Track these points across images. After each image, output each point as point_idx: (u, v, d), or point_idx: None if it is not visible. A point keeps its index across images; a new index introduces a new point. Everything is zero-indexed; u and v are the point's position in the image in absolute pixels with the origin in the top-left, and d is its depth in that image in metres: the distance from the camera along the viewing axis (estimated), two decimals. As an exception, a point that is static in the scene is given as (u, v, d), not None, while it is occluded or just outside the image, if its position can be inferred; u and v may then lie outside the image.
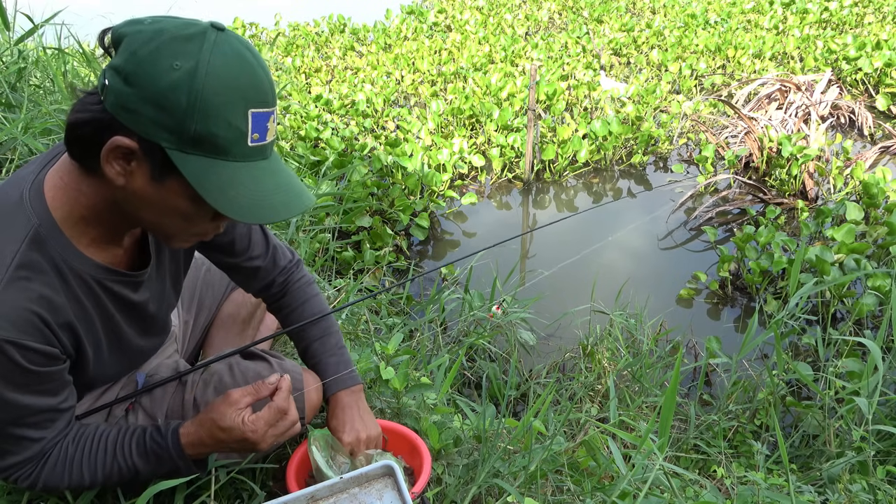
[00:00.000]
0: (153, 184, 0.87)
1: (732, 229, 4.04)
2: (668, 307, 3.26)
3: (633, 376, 2.43)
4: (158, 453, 1.07)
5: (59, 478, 1.03)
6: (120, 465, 1.06)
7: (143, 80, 0.80)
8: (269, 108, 0.87)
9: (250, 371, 1.29)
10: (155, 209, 0.90)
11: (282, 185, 0.91)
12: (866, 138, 5.29)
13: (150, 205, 0.89)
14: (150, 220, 0.93)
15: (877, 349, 1.80)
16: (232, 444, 1.07)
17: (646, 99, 5.59)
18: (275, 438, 1.10)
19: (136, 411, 1.24)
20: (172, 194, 0.87)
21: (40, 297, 0.90)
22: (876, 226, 3.50)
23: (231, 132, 0.84)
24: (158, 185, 0.87)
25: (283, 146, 4.25)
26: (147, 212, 0.91)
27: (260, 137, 0.87)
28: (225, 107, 0.82)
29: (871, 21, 8.04)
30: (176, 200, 0.88)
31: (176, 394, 1.26)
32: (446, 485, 1.39)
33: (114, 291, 1.03)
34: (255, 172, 0.88)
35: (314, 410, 1.34)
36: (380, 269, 3.40)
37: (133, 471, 1.07)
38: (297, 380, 1.30)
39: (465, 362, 2.57)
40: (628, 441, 1.56)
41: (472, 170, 4.79)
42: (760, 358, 2.79)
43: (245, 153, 0.86)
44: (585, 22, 8.91)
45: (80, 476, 1.05)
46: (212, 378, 1.27)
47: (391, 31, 8.61)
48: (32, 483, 1.02)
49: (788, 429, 2.35)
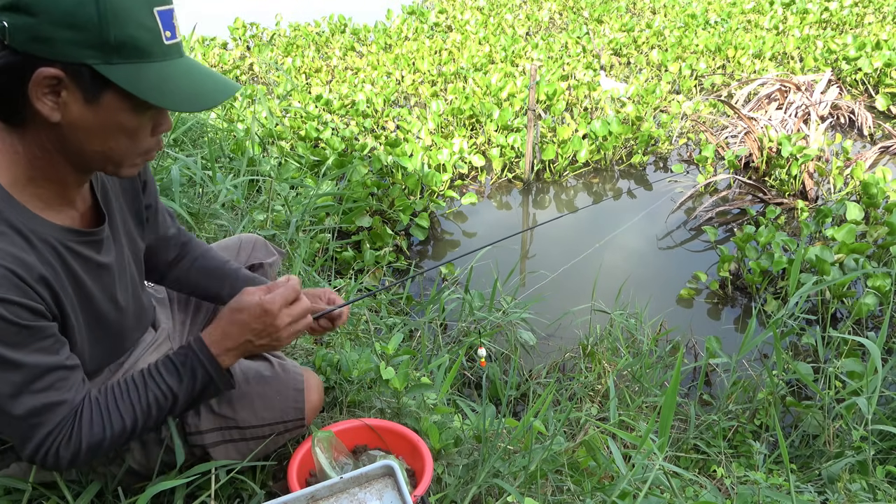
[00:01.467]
0: (89, 107, 0.88)
1: (732, 229, 4.04)
2: (669, 307, 3.26)
3: (633, 376, 2.44)
4: (187, 364, 1.05)
5: (99, 430, 0.98)
6: (156, 394, 1.03)
7: (46, 5, 0.81)
8: (170, 6, 0.91)
9: (251, 370, 1.29)
10: (98, 135, 0.91)
11: (207, 75, 0.95)
12: (866, 138, 5.29)
13: (93, 132, 0.90)
14: (97, 149, 0.93)
15: (876, 349, 1.80)
16: (254, 326, 1.05)
17: (646, 99, 5.59)
18: (291, 322, 1.08)
19: None
20: (112, 111, 0.89)
21: (11, 256, 0.89)
22: (876, 226, 3.50)
23: (146, 32, 0.87)
24: (95, 106, 0.88)
25: (284, 146, 4.25)
26: (91, 141, 0.91)
27: (172, 35, 0.91)
28: (132, 8, 0.85)
29: (871, 21, 8.04)
30: (116, 116, 0.90)
31: None
32: (446, 485, 1.39)
33: (78, 252, 1.01)
34: (180, 68, 0.92)
35: (314, 411, 1.34)
36: (380, 269, 3.40)
37: (170, 394, 1.04)
38: (297, 380, 1.30)
39: (465, 362, 2.57)
40: (628, 441, 1.56)
41: (472, 170, 4.79)
42: (760, 358, 2.79)
43: (164, 52, 0.90)
44: (585, 22, 8.91)
45: (120, 421, 1.00)
46: None
47: (392, 32, 8.61)
48: (75, 448, 0.97)
49: (788, 429, 2.35)
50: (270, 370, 1.30)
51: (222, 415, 1.24)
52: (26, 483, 1.18)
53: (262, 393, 1.27)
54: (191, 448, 1.24)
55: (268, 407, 1.26)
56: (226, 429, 1.25)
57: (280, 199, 3.06)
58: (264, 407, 1.26)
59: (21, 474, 1.18)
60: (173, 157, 2.71)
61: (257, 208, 2.92)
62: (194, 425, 1.23)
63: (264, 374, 1.29)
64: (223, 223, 2.64)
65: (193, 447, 1.25)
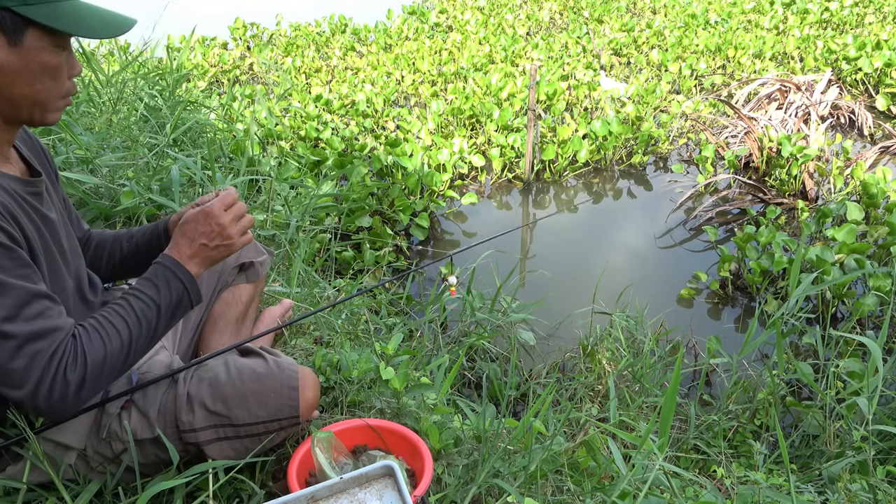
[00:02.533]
0: (13, 50, 0.97)
1: (733, 229, 4.04)
2: (669, 307, 3.26)
3: (634, 376, 2.43)
4: (160, 275, 1.14)
5: (99, 347, 1.02)
6: (140, 307, 1.09)
7: None
8: None
9: (245, 368, 1.29)
10: (25, 78, 1.00)
11: (108, 11, 1.07)
12: (866, 138, 5.29)
13: (20, 75, 1.00)
14: (25, 93, 1.02)
15: (877, 348, 1.80)
16: (202, 230, 1.17)
17: (646, 99, 5.59)
18: (233, 219, 1.20)
19: (130, 409, 1.24)
20: (35, 51, 0.99)
21: None
22: (876, 226, 3.50)
23: None
24: (18, 48, 0.98)
25: (284, 146, 4.25)
26: (20, 85, 1.00)
27: None
28: None
29: (871, 21, 8.04)
30: (40, 56, 1.00)
31: (169, 391, 1.26)
32: (446, 485, 1.39)
33: (29, 202, 1.08)
34: (84, 6, 1.03)
35: (310, 409, 1.33)
36: (380, 269, 3.40)
37: (153, 304, 1.11)
38: (292, 377, 1.29)
39: (465, 363, 2.57)
40: (628, 441, 1.56)
41: (472, 170, 4.78)
42: (760, 358, 2.79)
43: None
44: (586, 22, 8.91)
45: (116, 336, 1.05)
46: (207, 374, 1.28)
47: (392, 32, 8.61)
48: (81, 370, 0.99)
49: (788, 429, 2.35)
50: (265, 367, 1.30)
51: (216, 412, 1.24)
52: (22, 484, 1.17)
53: (256, 390, 1.27)
54: (185, 446, 1.25)
55: (262, 405, 1.26)
56: (220, 426, 1.25)
57: (280, 199, 3.06)
58: (259, 404, 1.26)
59: (18, 475, 1.18)
60: (173, 156, 2.71)
61: (257, 208, 2.92)
62: (188, 423, 1.23)
63: (258, 372, 1.28)
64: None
65: (188, 444, 1.25)
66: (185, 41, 5.58)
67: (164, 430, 1.22)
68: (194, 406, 1.24)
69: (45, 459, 1.16)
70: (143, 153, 2.72)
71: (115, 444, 1.23)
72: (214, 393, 1.24)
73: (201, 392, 1.25)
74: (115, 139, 2.77)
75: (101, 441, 1.22)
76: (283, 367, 1.30)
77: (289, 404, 1.27)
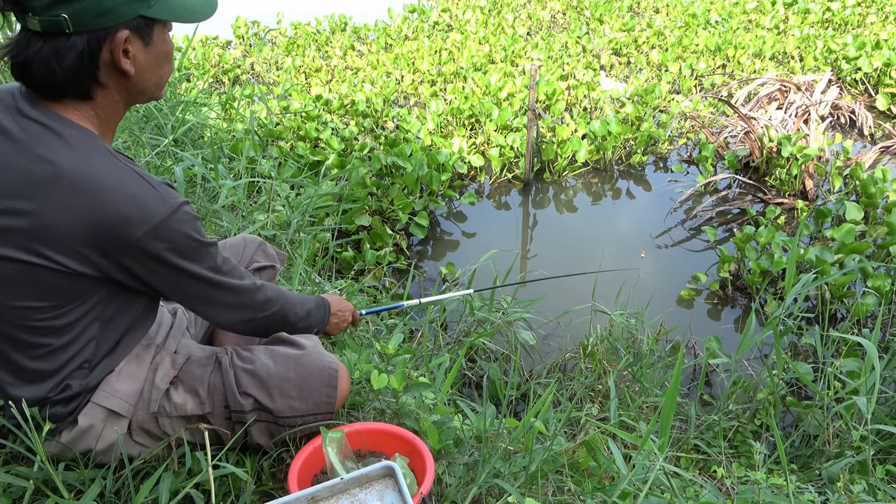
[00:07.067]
0: (148, 49, 1.09)
1: (732, 229, 4.04)
2: (669, 307, 3.26)
3: (634, 376, 2.44)
4: (320, 305, 1.52)
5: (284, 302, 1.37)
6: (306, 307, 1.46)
7: None
8: None
9: (290, 355, 1.37)
10: (155, 70, 1.12)
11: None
12: (866, 138, 5.29)
13: (151, 69, 1.11)
14: (154, 81, 1.14)
15: (872, 347, 1.80)
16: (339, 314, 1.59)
17: (645, 99, 5.59)
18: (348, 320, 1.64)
19: (177, 385, 1.30)
20: (160, 45, 1.11)
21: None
22: (875, 226, 3.50)
23: None
24: (151, 47, 1.09)
25: (283, 146, 4.25)
26: (151, 76, 1.12)
27: None
28: None
29: (873, 21, 8.04)
30: (163, 46, 1.12)
31: (215, 373, 1.32)
32: (447, 485, 1.40)
33: None
34: None
35: (343, 401, 1.42)
36: (380, 269, 3.40)
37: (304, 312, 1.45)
38: (332, 376, 1.35)
39: (465, 363, 2.57)
40: (629, 441, 1.56)
41: (472, 170, 4.78)
42: (760, 358, 2.79)
43: None
44: (587, 21, 8.91)
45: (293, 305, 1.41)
46: (254, 363, 1.34)
47: (392, 31, 8.60)
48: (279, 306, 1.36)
49: (789, 429, 2.35)
50: (308, 361, 1.36)
51: (261, 402, 1.32)
52: (27, 481, 1.18)
53: (298, 384, 1.34)
54: (233, 425, 1.33)
55: (303, 399, 1.34)
56: (261, 411, 1.33)
57: (280, 199, 3.06)
58: (300, 398, 1.33)
59: (73, 443, 1.22)
60: (178, 156, 2.71)
61: (258, 209, 2.92)
62: (239, 406, 1.31)
63: (303, 364, 1.35)
64: (224, 224, 2.65)
65: (235, 424, 1.33)
66: (187, 41, 5.58)
67: (213, 410, 1.30)
68: (245, 392, 1.31)
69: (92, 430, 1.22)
70: (145, 153, 2.72)
71: (162, 420, 1.27)
72: (260, 383, 1.31)
73: (250, 380, 1.31)
74: (117, 139, 2.77)
75: (150, 416, 1.26)
76: (324, 366, 1.36)
77: (327, 401, 1.35)
